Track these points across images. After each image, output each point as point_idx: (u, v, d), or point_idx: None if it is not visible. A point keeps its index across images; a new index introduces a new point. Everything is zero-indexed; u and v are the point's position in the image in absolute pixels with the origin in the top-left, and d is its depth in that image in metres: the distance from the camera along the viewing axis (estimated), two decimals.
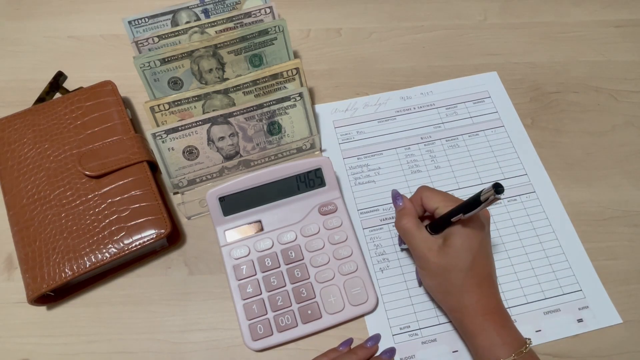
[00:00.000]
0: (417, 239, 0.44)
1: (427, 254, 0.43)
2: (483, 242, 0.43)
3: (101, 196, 0.50)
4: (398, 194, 0.48)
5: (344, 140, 0.58)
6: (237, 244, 0.50)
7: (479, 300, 0.41)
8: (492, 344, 0.40)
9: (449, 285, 0.42)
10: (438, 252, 0.42)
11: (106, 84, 0.56)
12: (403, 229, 0.45)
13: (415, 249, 0.44)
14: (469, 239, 0.42)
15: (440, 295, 0.44)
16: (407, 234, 0.45)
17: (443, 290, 0.43)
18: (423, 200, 0.46)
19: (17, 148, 0.53)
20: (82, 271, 0.47)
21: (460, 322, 0.42)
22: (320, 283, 0.48)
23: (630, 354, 0.46)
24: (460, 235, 0.42)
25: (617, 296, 0.48)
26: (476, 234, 0.42)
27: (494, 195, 0.37)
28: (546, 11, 0.69)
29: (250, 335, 0.46)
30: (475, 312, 0.41)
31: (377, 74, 0.64)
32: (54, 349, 0.47)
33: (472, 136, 0.58)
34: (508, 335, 0.40)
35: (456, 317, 0.43)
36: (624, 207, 0.54)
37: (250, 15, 0.55)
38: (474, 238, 0.42)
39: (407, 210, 0.46)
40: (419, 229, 0.44)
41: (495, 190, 0.36)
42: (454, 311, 0.43)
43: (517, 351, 0.39)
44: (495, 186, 0.36)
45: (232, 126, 0.52)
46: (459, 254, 0.42)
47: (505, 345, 0.40)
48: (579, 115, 0.60)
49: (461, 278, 0.41)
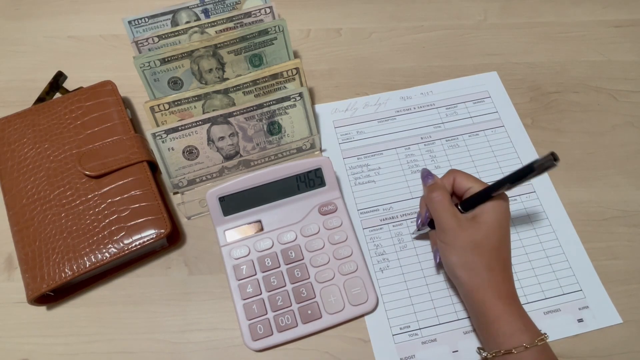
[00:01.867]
0: (448, 212, 0.43)
1: (456, 228, 0.42)
2: (509, 225, 0.43)
3: (101, 196, 0.50)
4: (429, 172, 0.47)
5: (344, 140, 0.58)
6: (237, 244, 0.50)
7: (502, 281, 0.41)
8: (514, 329, 0.39)
9: (477, 262, 0.41)
10: (469, 227, 0.42)
11: (106, 84, 0.56)
12: (434, 201, 0.44)
13: (444, 222, 0.43)
14: (502, 217, 0.42)
15: (465, 273, 0.42)
16: (439, 206, 0.44)
17: (469, 268, 0.42)
18: (456, 179, 0.46)
19: (17, 148, 0.53)
20: (82, 271, 0.47)
21: (482, 304, 0.41)
22: (320, 283, 0.48)
23: (630, 354, 0.46)
24: (494, 212, 0.42)
25: (617, 296, 0.48)
26: (507, 213, 0.42)
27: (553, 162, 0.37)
28: (546, 11, 0.69)
29: (250, 335, 0.46)
30: (498, 294, 0.41)
31: (377, 74, 0.64)
32: (54, 349, 0.47)
33: (472, 136, 0.58)
34: (529, 322, 0.40)
35: (477, 299, 0.41)
36: (624, 207, 0.54)
37: (250, 15, 0.55)
38: (505, 217, 0.42)
39: (438, 185, 0.45)
40: (450, 203, 0.44)
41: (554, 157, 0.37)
42: (477, 291, 0.41)
43: (539, 338, 0.39)
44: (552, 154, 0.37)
45: (232, 126, 0.52)
46: (491, 230, 0.42)
47: (528, 332, 0.39)
48: (579, 115, 0.60)
49: (490, 256, 0.41)
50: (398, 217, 0.53)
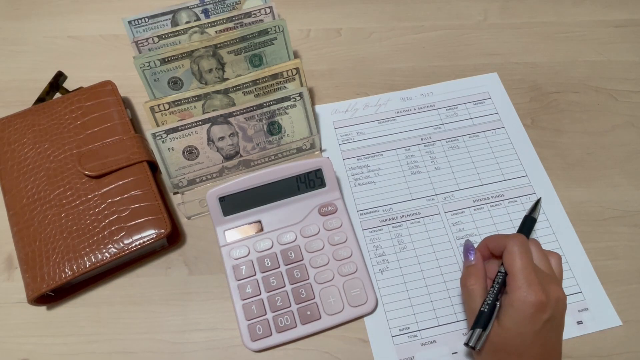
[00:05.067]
0: (477, 304, 0.40)
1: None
2: (543, 330, 0.37)
3: (101, 196, 0.50)
4: (472, 246, 0.44)
5: (344, 141, 0.58)
6: (237, 244, 0.50)
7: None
8: None
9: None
10: (494, 325, 0.39)
11: (106, 84, 0.56)
12: (469, 290, 0.41)
13: (472, 314, 0.40)
14: (522, 317, 0.37)
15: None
16: (471, 297, 0.41)
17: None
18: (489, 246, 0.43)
19: (17, 148, 0.53)
20: (82, 271, 0.47)
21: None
22: (320, 284, 0.48)
23: (630, 354, 0.46)
24: (513, 311, 0.37)
25: (617, 296, 0.48)
26: (529, 312, 0.37)
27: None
28: (546, 11, 0.69)
29: (249, 336, 0.46)
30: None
31: (377, 74, 0.64)
32: (54, 349, 0.47)
33: (472, 137, 0.58)
34: None
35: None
36: (624, 207, 0.54)
37: (250, 15, 0.55)
38: (527, 318, 0.37)
39: (477, 270, 0.42)
40: (482, 295, 0.40)
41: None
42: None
43: None
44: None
45: (232, 126, 0.52)
46: (511, 333, 0.37)
47: None
48: (579, 115, 0.60)
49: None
50: (398, 218, 0.53)
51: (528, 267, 0.38)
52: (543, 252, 0.42)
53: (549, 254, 0.43)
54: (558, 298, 0.38)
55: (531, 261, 0.39)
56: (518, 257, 0.39)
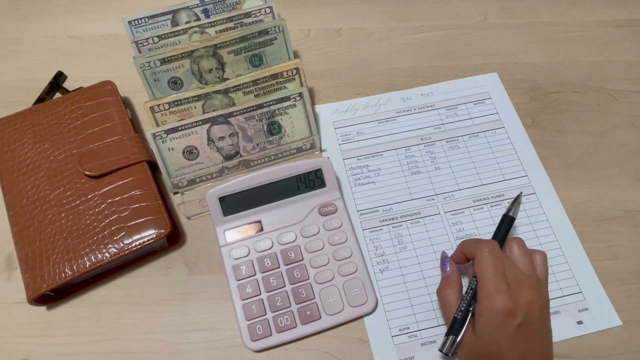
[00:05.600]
0: (453, 313, 0.41)
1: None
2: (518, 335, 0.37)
3: (101, 196, 0.50)
4: (447, 258, 0.46)
5: (344, 141, 0.58)
6: (237, 244, 0.50)
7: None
8: None
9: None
10: (470, 333, 0.40)
11: (106, 84, 0.56)
12: (444, 301, 0.43)
13: (449, 323, 0.42)
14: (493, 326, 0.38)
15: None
16: (446, 306, 0.42)
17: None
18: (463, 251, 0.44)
19: (17, 148, 0.53)
20: (82, 271, 0.47)
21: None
22: (320, 284, 0.48)
23: (630, 354, 0.46)
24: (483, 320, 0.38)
25: (617, 296, 0.48)
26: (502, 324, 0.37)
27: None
28: (546, 11, 0.69)
29: (249, 336, 0.46)
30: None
31: (377, 74, 0.64)
32: (54, 349, 0.47)
33: (472, 137, 0.58)
34: None
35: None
36: (624, 207, 0.54)
37: (250, 15, 0.55)
38: (498, 327, 0.37)
39: (452, 280, 0.44)
40: (457, 305, 0.42)
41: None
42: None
43: None
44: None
45: (232, 126, 0.52)
46: (485, 343, 0.38)
47: None
48: (579, 115, 0.60)
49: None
50: (398, 218, 0.53)
51: (497, 275, 0.39)
52: (526, 250, 0.42)
53: (533, 253, 0.43)
54: (530, 302, 0.38)
55: (501, 268, 0.39)
56: (487, 265, 0.39)
